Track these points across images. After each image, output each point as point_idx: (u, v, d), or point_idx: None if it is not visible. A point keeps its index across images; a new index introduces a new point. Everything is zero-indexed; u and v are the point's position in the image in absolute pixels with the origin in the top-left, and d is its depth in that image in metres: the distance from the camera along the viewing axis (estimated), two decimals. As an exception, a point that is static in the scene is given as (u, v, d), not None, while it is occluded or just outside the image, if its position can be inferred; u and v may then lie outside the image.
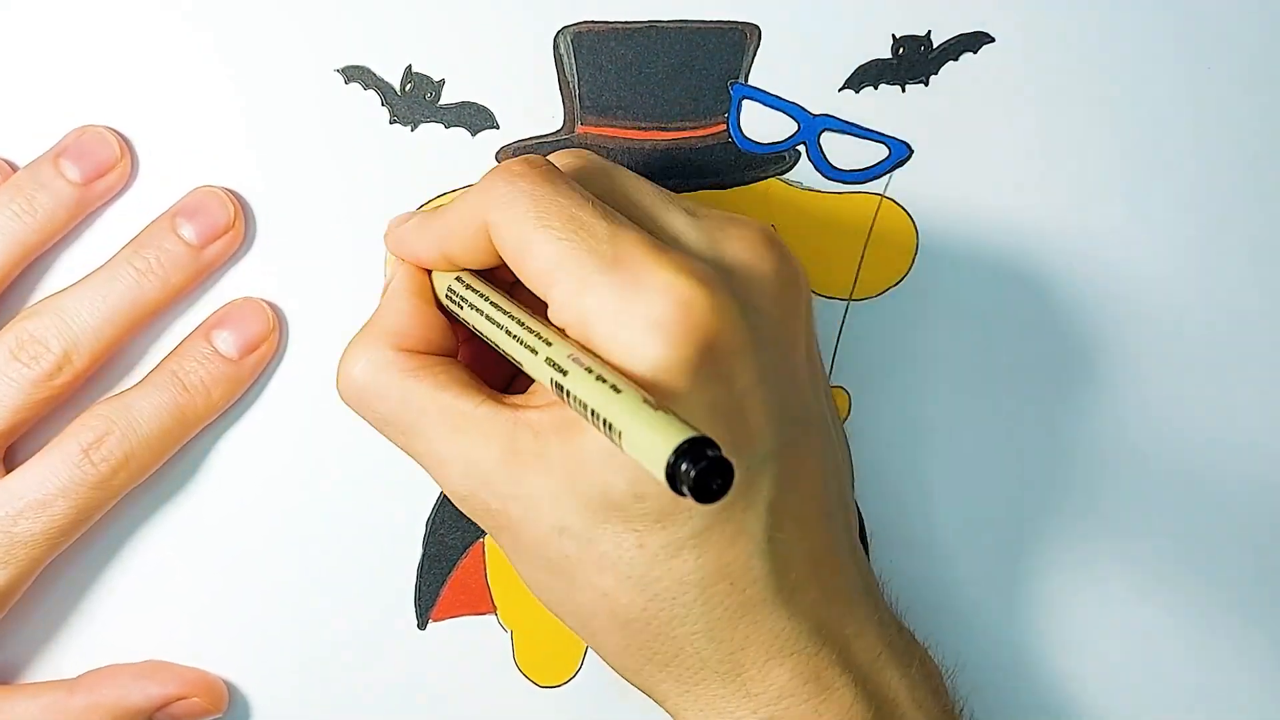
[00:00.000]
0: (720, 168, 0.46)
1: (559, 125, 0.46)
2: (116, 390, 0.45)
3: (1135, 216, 0.47)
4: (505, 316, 0.38)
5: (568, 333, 0.37)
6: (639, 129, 0.46)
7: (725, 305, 0.36)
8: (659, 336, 0.35)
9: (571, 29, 0.46)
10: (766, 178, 0.46)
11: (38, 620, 0.46)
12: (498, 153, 0.46)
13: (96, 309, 0.43)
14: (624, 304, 0.35)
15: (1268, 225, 0.48)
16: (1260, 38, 0.47)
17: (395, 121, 0.45)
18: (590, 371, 0.35)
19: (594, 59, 0.46)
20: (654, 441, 0.32)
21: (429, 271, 0.42)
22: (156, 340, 0.46)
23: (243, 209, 0.45)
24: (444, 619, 0.47)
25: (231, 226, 0.44)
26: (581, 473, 0.36)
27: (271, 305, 0.46)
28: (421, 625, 0.47)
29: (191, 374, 0.44)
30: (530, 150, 0.46)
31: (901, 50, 0.46)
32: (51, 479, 0.43)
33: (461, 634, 0.47)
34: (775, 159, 0.46)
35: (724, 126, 0.46)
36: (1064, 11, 0.46)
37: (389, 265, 0.43)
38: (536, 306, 0.38)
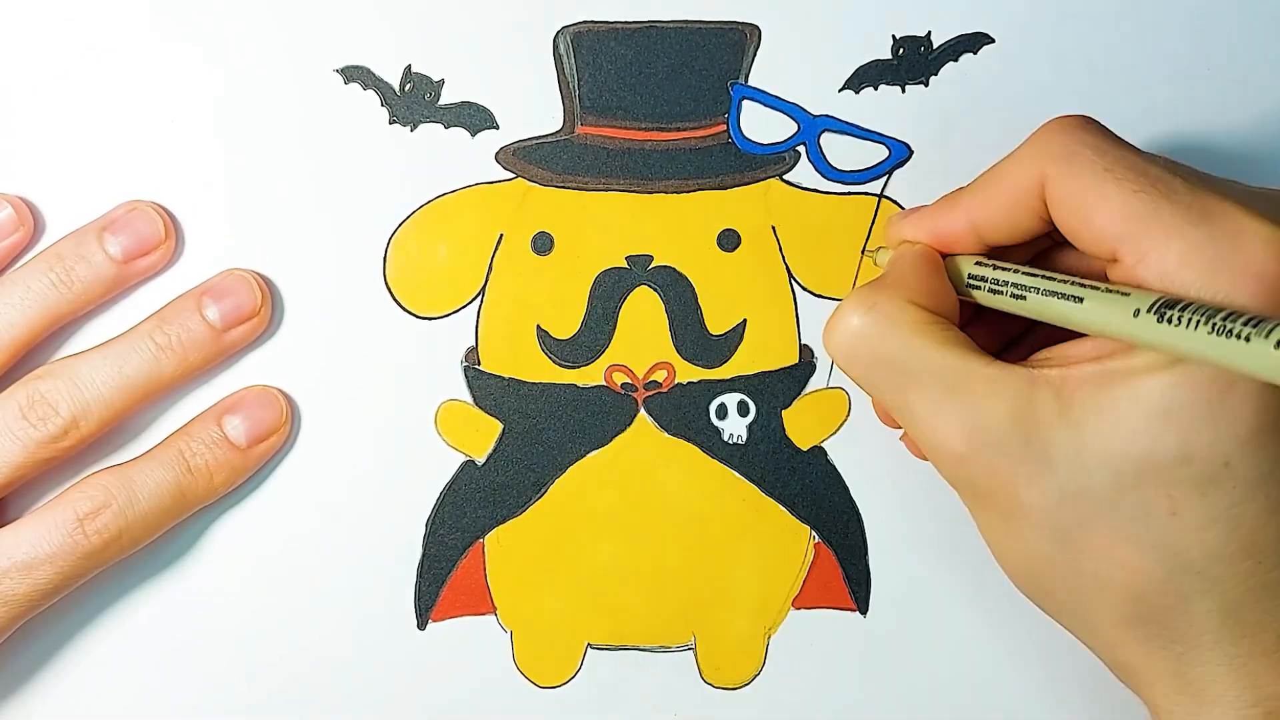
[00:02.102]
0: (720, 168, 0.46)
1: (559, 125, 0.46)
2: (115, 452, 0.45)
3: (1135, 217, 0.47)
4: (1060, 282, 0.37)
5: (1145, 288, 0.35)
6: (639, 129, 0.46)
7: None
8: (1264, 289, 0.34)
9: (571, 29, 0.46)
10: (766, 178, 0.46)
11: (15, 670, 0.46)
12: (497, 153, 0.46)
13: (111, 379, 0.43)
14: (1223, 254, 0.34)
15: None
16: (1260, 38, 0.47)
17: (395, 122, 0.45)
18: (1201, 305, 0.33)
19: (594, 59, 0.46)
20: None
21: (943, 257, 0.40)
22: (165, 411, 0.46)
23: (270, 294, 0.45)
24: (444, 619, 0.47)
25: (257, 313, 0.45)
26: (1119, 431, 0.35)
27: (285, 395, 0.46)
28: (421, 626, 0.47)
29: (197, 456, 0.44)
30: (531, 150, 0.46)
31: (901, 51, 0.46)
32: (43, 543, 0.43)
33: (461, 634, 0.47)
34: (775, 159, 0.46)
35: (724, 127, 0.46)
36: (1063, 13, 0.46)
37: (886, 260, 0.42)
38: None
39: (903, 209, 0.46)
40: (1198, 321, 0.33)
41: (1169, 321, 0.34)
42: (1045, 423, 0.36)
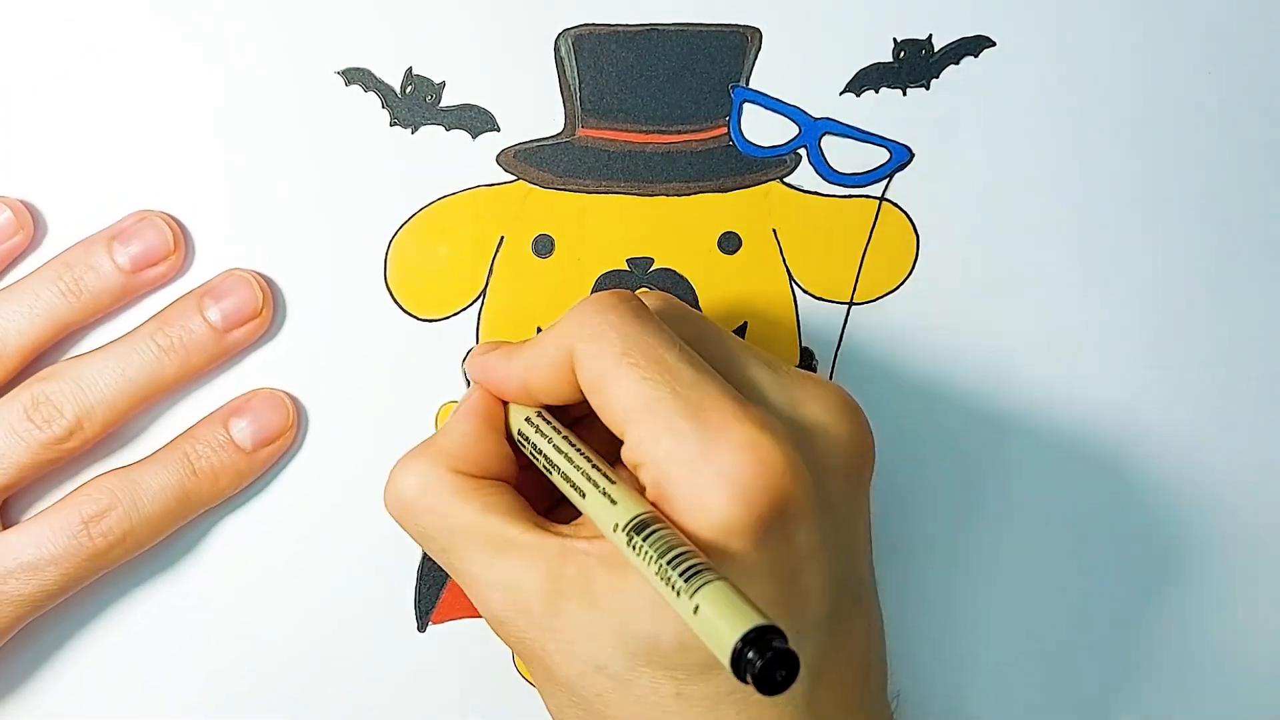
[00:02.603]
0: (721, 171, 0.46)
1: (560, 128, 0.46)
2: (119, 453, 0.45)
3: (1136, 218, 0.47)
4: (582, 458, 0.38)
5: (638, 472, 0.37)
6: (640, 132, 0.46)
7: (799, 468, 0.36)
8: (732, 492, 0.35)
9: (572, 31, 0.45)
10: (767, 181, 0.46)
11: (16, 670, 0.46)
12: (498, 155, 0.46)
13: (114, 380, 0.43)
14: (701, 453, 0.35)
15: (1269, 226, 0.48)
16: (1260, 40, 0.47)
17: (396, 124, 0.45)
18: (662, 537, 0.34)
19: (595, 62, 0.46)
20: (721, 625, 0.32)
21: (504, 403, 0.41)
22: (168, 413, 0.46)
23: (272, 295, 0.45)
24: (443, 621, 0.47)
25: (258, 314, 0.45)
26: (627, 614, 0.36)
27: (292, 398, 0.46)
28: (421, 628, 0.47)
29: (202, 459, 0.44)
30: (532, 152, 0.46)
31: (903, 54, 0.46)
32: (48, 544, 0.43)
33: (461, 636, 0.47)
34: (776, 162, 0.46)
35: (725, 130, 0.46)
36: (1064, 15, 0.46)
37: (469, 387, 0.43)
38: (605, 444, 0.38)
39: (901, 210, 0.47)
40: (651, 557, 0.34)
41: (633, 547, 0.35)
42: (569, 596, 0.37)
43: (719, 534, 0.35)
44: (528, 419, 0.40)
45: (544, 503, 0.41)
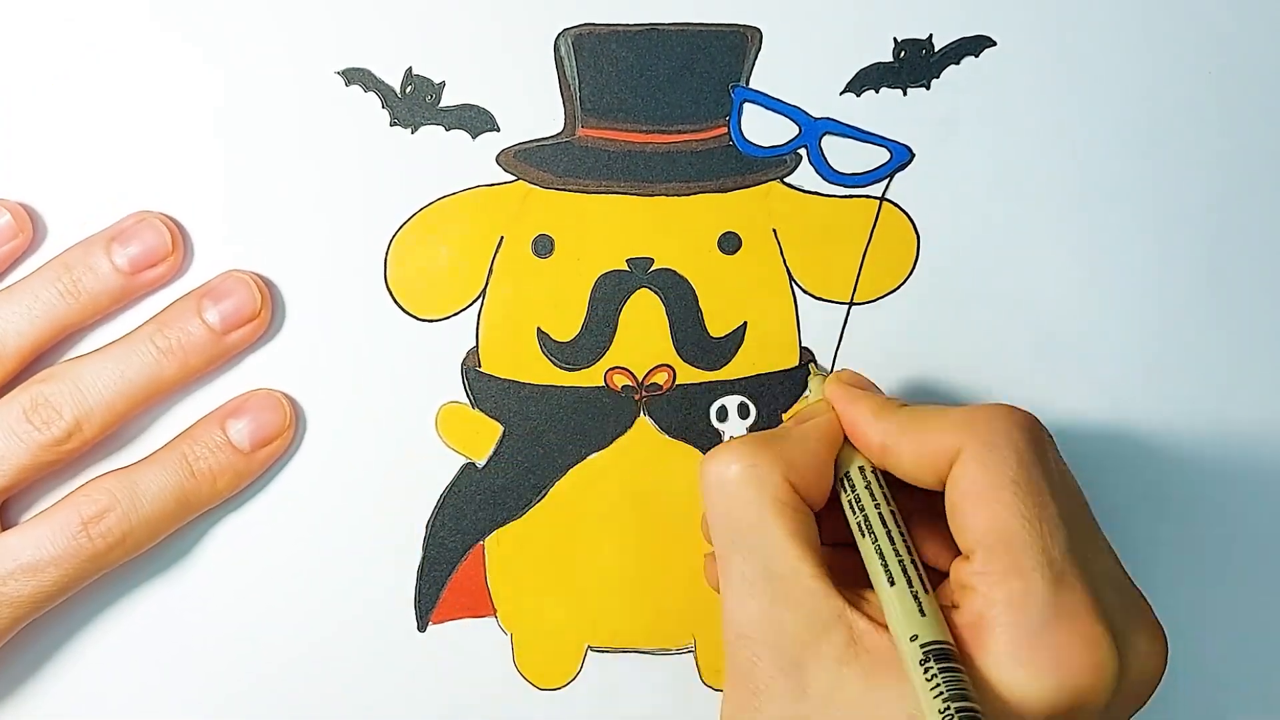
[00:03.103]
0: (721, 171, 0.46)
1: (559, 128, 0.46)
2: (118, 454, 0.45)
3: (1136, 219, 0.47)
4: (904, 543, 0.38)
5: (961, 594, 0.37)
6: (640, 132, 0.46)
7: (1116, 684, 0.36)
8: (1055, 679, 0.35)
9: (572, 31, 0.45)
10: (767, 181, 0.46)
11: (16, 670, 0.47)
12: (498, 155, 0.46)
13: (113, 382, 0.43)
14: (1044, 624, 0.35)
15: (1268, 226, 0.48)
16: (1260, 41, 0.47)
17: (396, 124, 0.45)
18: (960, 678, 0.35)
19: (595, 61, 0.46)
20: None
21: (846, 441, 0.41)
22: (167, 414, 0.46)
23: (270, 296, 0.45)
24: (444, 621, 0.47)
25: (257, 315, 0.44)
26: (870, 715, 0.36)
27: (289, 399, 0.46)
28: (421, 628, 0.47)
29: (201, 460, 0.44)
30: (532, 152, 0.46)
31: (903, 54, 0.46)
32: (47, 545, 0.43)
33: (461, 636, 0.47)
34: (776, 162, 0.46)
35: (725, 129, 0.46)
36: (1065, 15, 0.46)
37: (812, 403, 0.43)
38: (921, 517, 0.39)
39: (901, 210, 0.46)
40: (941, 691, 0.34)
41: (924, 668, 0.35)
42: (823, 660, 0.37)
43: (1018, 703, 0.35)
44: (867, 469, 0.40)
45: (826, 539, 0.41)
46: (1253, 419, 0.48)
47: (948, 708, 0.34)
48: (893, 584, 0.37)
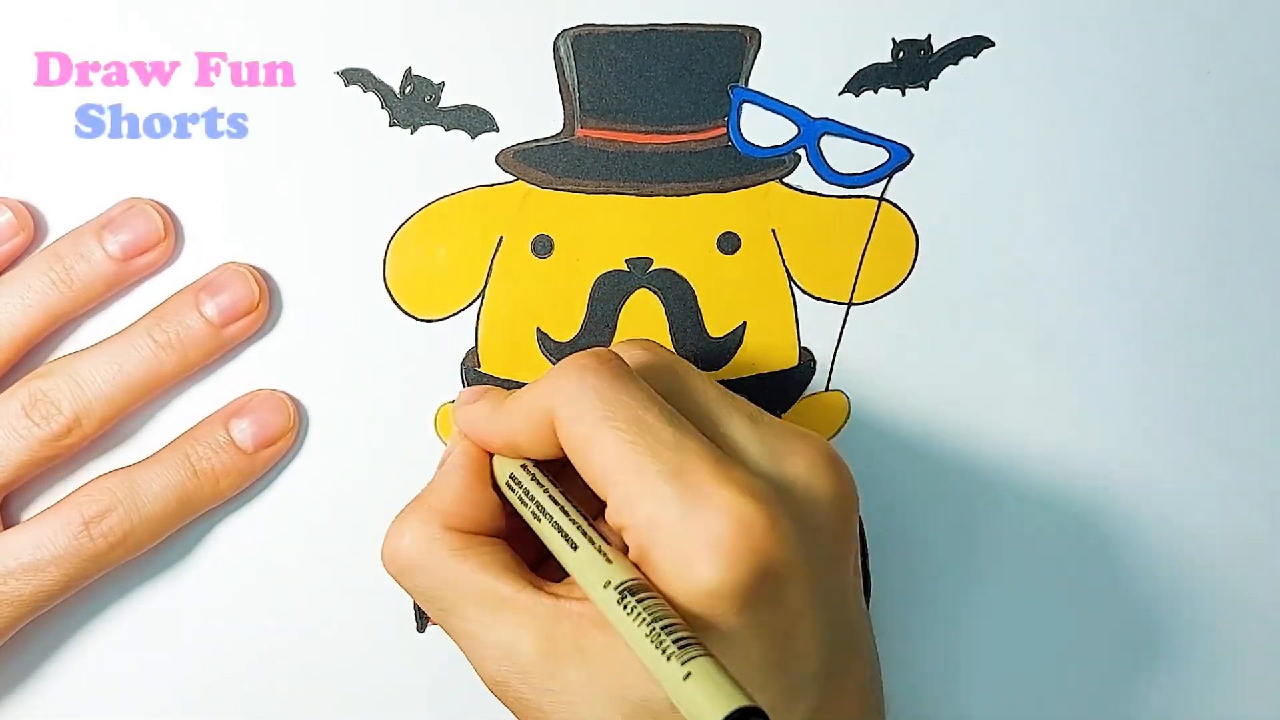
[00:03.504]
0: (720, 171, 0.46)
1: (559, 128, 0.46)
2: (117, 449, 0.45)
3: (1135, 219, 0.47)
4: (576, 512, 0.38)
5: (623, 535, 0.37)
6: (639, 132, 0.46)
7: (785, 529, 0.36)
8: (717, 557, 0.35)
9: (571, 32, 0.45)
10: (766, 181, 0.46)
11: (16, 670, 0.46)
12: (497, 156, 0.46)
13: (111, 377, 0.43)
14: (684, 518, 0.35)
15: (1268, 226, 0.48)
16: (1260, 41, 0.47)
17: (395, 124, 0.45)
18: (657, 602, 0.34)
19: (594, 62, 0.46)
20: (704, 703, 0.32)
21: (490, 454, 0.41)
22: (167, 409, 0.46)
23: (268, 288, 0.45)
24: (443, 621, 0.47)
25: (255, 308, 0.45)
26: (621, 675, 0.36)
27: (292, 400, 0.46)
28: (421, 628, 0.47)
29: (203, 460, 0.44)
30: (531, 152, 0.46)
31: (901, 54, 0.46)
32: (48, 545, 0.43)
33: (461, 636, 0.47)
34: (775, 162, 0.46)
35: (724, 130, 0.46)
36: (1064, 16, 0.46)
37: (450, 437, 0.43)
38: (585, 500, 0.38)
39: (900, 211, 0.47)
40: (644, 619, 0.34)
41: (624, 607, 0.35)
42: (564, 655, 0.37)
43: (705, 600, 0.35)
44: (523, 465, 0.40)
45: (529, 557, 0.41)
46: (1253, 418, 0.48)
47: (653, 630, 0.34)
48: (575, 548, 0.37)
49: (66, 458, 0.44)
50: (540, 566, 0.41)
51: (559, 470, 0.40)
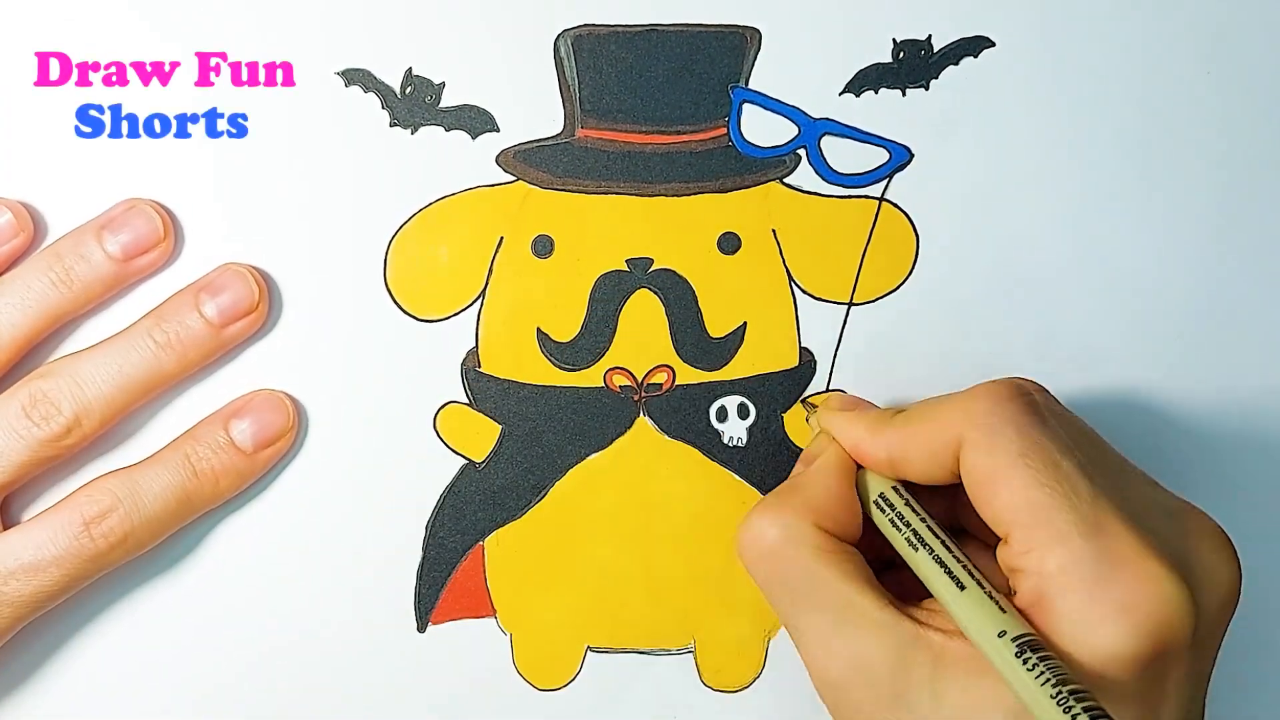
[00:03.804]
0: (721, 171, 0.46)
1: (559, 128, 0.46)
2: (117, 450, 0.45)
3: (1135, 219, 0.47)
4: (951, 557, 0.38)
5: (1014, 577, 0.36)
6: (639, 132, 0.46)
7: (1192, 609, 0.35)
8: (1130, 624, 0.35)
9: (572, 32, 0.45)
10: (767, 181, 0.46)
11: (16, 670, 0.46)
12: (498, 156, 0.46)
13: (111, 377, 0.43)
14: (1099, 578, 0.35)
15: (1268, 226, 0.48)
16: (1259, 41, 0.47)
17: (396, 124, 0.45)
18: (1057, 662, 0.34)
19: (594, 62, 0.46)
20: None
21: (857, 465, 0.41)
22: (167, 410, 0.46)
23: (268, 289, 0.45)
24: (444, 622, 0.47)
25: (255, 308, 0.45)
26: (976, 717, 0.36)
27: (292, 400, 0.46)
28: (421, 628, 0.47)
29: (203, 460, 0.44)
30: (531, 153, 0.46)
31: (902, 54, 0.46)
32: (49, 545, 0.43)
33: (461, 637, 0.47)
34: (776, 163, 0.46)
35: (724, 130, 0.46)
36: (1064, 16, 0.46)
37: (815, 438, 0.43)
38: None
39: (901, 211, 0.47)
40: (1047, 678, 0.34)
41: (1024, 662, 0.35)
42: (916, 684, 0.37)
43: (1104, 664, 0.35)
44: (894, 488, 0.40)
45: (875, 565, 0.41)
46: (1253, 418, 0.48)
47: (1058, 692, 0.34)
48: (963, 589, 0.37)
49: (66, 458, 0.44)
50: (883, 574, 0.40)
51: (920, 493, 0.40)
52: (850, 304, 0.47)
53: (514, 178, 0.46)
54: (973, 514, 0.38)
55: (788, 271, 0.47)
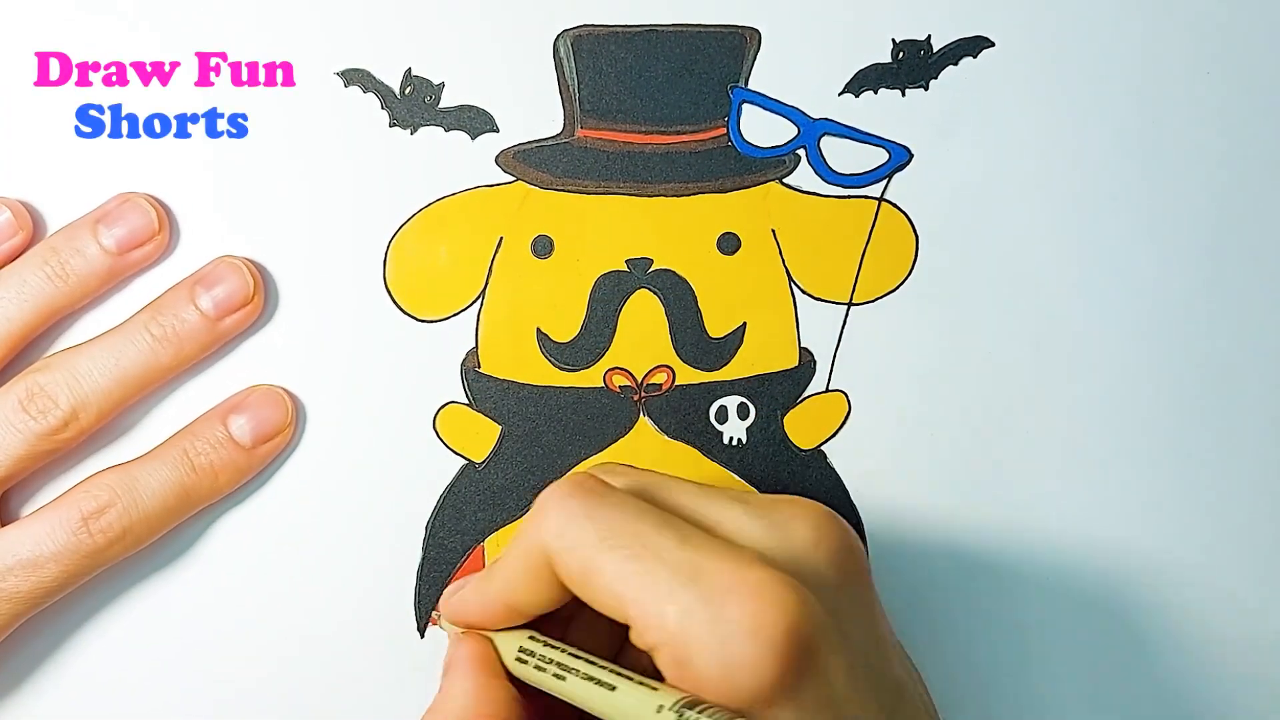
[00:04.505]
0: (720, 171, 0.46)
1: (559, 128, 0.46)
2: (115, 443, 0.45)
3: (1135, 219, 0.47)
4: (595, 668, 0.37)
5: (656, 655, 0.36)
6: (639, 132, 0.46)
7: (808, 597, 0.35)
8: (761, 642, 0.34)
9: (571, 32, 0.46)
10: (766, 181, 0.46)
11: (14, 668, 0.46)
12: (497, 156, 0.46)
13: (108, 370, 0.43)
14: (716, 616, 0.34)
15: (1268, 226, 0.48)
16: (1259, 41, 0.47)
17: (395, 125, 0.45)
18: (714, 715, 0.33)
19: (594, 62, 0.46)
20: None
21: (489, 641, 0.40)
22: (164, 404, 0.46)
23: (263, 281, 0.45)
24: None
25: (250, 300, 0.45)
26: None
27: (290, 395, 0.46)
28: (421, 629, 0.47)
29: (202, 456, 0.44)
30: (531, 153, 0.46)
31: (901, 55, 0.46)
32: (47, 541, 0.43)
33: (461, 637, 0.47)
34: (775, 163, 0.46)
35: (724, 130, 0.46)
36: (1063, 16, 0.46)
37: (448, 645, 0.41)
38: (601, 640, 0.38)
39: (900, 211, 0.47)
40: None
41: None
42: None
43: (759, 690, 0.34)
44: (531, 636, 0.39)
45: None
46: (1253, 418, 0.48)
47: None
48: (614, 689, 0.36)
49: (64, 452, 0.44)
50: None
51: (562, 630, 0.39)
52: (850, 304, 0.47)
53: (513, 178, 0.46)
54: (616, 627, 0.37)
55: (787, 271, 0.47)
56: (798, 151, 0.46)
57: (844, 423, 0.47)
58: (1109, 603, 0.49)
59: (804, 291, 0.47)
